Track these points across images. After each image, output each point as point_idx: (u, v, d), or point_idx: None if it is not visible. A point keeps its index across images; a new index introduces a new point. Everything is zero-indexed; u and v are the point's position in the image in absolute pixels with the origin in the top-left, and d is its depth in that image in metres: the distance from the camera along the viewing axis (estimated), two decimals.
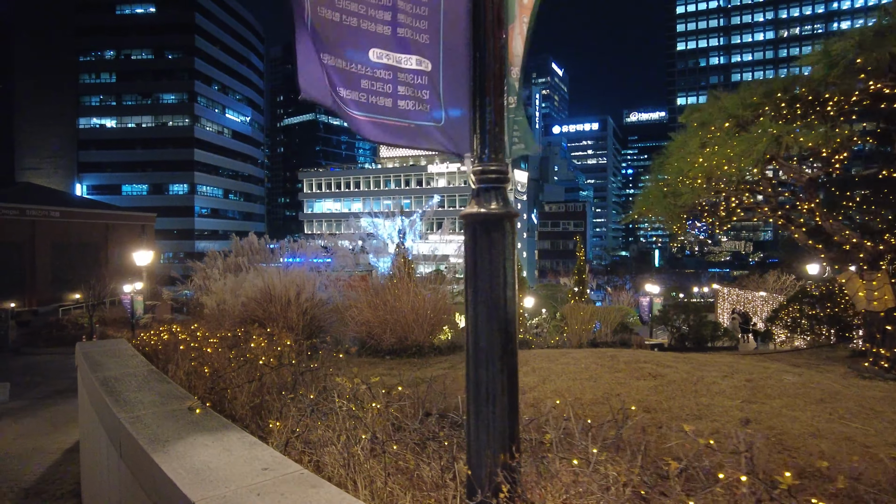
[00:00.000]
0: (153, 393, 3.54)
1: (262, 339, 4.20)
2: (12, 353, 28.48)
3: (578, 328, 8.05)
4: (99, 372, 4.23)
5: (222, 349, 4.20)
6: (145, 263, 15.20)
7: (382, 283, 7.37)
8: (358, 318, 6.59)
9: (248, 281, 6.37)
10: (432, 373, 4.68)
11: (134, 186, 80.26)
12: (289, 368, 3.51)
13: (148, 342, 5.32)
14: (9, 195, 41.61)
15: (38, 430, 13.16)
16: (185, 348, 4.34)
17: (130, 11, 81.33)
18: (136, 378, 4.00)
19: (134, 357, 4.86)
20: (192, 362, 3.98)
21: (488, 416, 1.78)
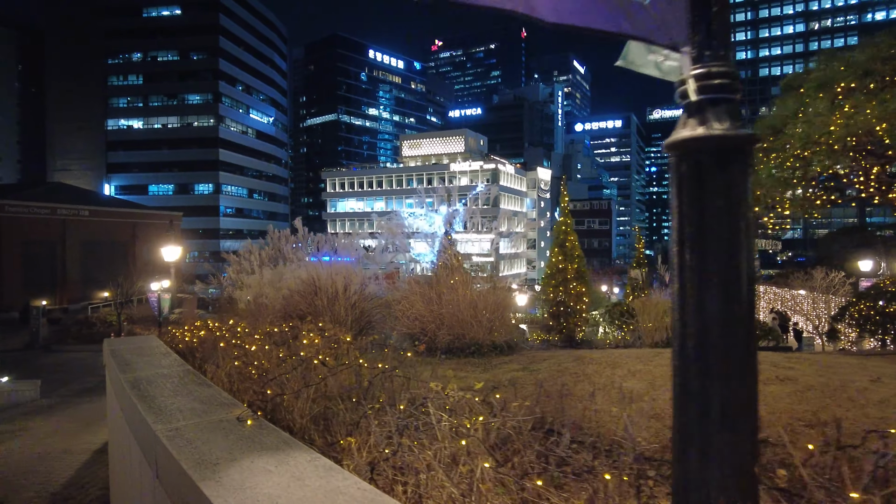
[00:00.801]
0: (193, 398, 2.97)
1: (315, 336, 3.63)
2: (43, 350, 28.69)
3: (652, 325, 7.36)
4: (128, 372, 3.69)
5: (269, 346, 3.63)
6: (174, 259, 14.89)
7: (427, 277, 6.83)
8: (409, 313, 6.01)
9: (290, 273, 5.86)
10: (503, 375, 4.06)
11: (160, 186, 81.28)
12: (355, 369, 2.91)
13: (181, 339, 4.79)
14: (40, 195, 42.18)
15: (68, 429, 12.90)
16: (225, 346, 3.79)
17: (157, 14, 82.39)
18: (170, 380, 3.44)
19: (167, 355, 4.32)
20: (236, 362, 3.42)
21: (721, 444, 1.15)
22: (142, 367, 3.88)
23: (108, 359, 4.43)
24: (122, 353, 4.46)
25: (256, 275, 7.10)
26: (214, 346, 3.96)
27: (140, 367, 3.87)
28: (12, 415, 15.15)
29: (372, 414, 2.31)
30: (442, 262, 6.55)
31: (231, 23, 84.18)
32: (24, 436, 12.08)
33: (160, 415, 2.67)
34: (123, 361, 4.06)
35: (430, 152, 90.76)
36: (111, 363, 4.19)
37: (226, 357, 3.55)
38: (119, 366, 3.92)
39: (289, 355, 3.30)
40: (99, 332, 31.26)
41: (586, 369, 4.02)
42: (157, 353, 4.43)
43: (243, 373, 3.28)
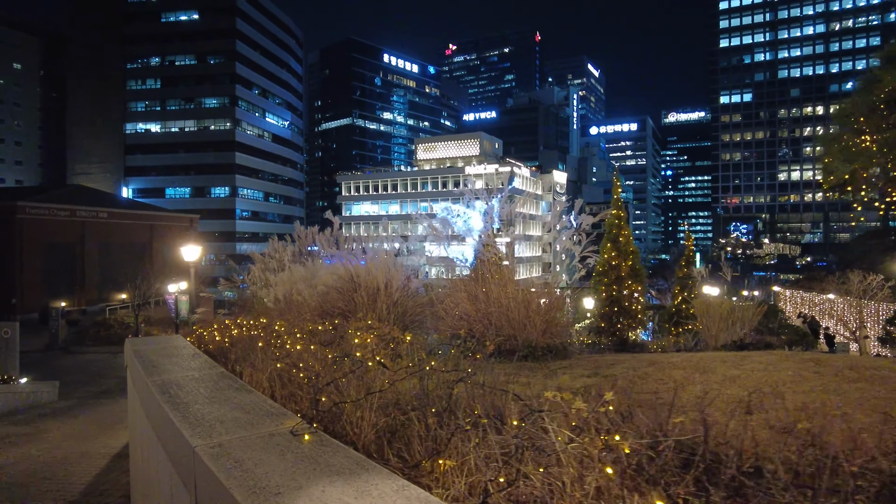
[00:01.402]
0: (233, 406, 2.53)
1: (365, 334, 3.20)
2: (62, 351, 28.69)
3: (716, 327, 6.83)
4: (156, 375, 3.27)
5: (315, 346, 3.20)
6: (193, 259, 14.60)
7: (463, 276, 6.38)
8: (454, 312, 5.54)
9: (325, 269, 5.45)
10: (573, 383, 3.59)
11: (177, 189, 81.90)
12: (425, 373, 2.46)
13: (210, 339, 4.38)
14: (60, 197, 42.46)
15: (86, 432, 12.62)
16: (264, 346, 3.37)
17: (175, 18, 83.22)
18: (203, 384, 3.02)
19: (195, 356, 3.91)
20: (278, 364, 2.99)
21: None
22: (170, 369, 3.46)
23: (132, 360, 4.02)
24: (147, 353, 4.05)
25: (286, 272, 6.70)
26: (252, 347, 3.54)
27: (168, 369, 3.45)
28: (31, 416, 14.95)
29: (472, 431, 1.85)
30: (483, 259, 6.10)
31: (247, 27, 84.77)
32: (41, 438, 11.81)
33: (198, 427, 2.23)
34: (149, 363, 3.65)
35: (444, 155, 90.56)
36: (135, 365, 3.78)
37: (266, 359, 3.12)
38: (145, 368, 3.50)
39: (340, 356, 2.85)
40: (116, 334, 31.25)
41: (672, 375, 3.55)
42: (185, 353, 4.02)
43: (288, 377, 2.84)
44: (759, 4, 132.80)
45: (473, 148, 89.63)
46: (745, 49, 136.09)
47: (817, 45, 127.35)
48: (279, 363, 2.98)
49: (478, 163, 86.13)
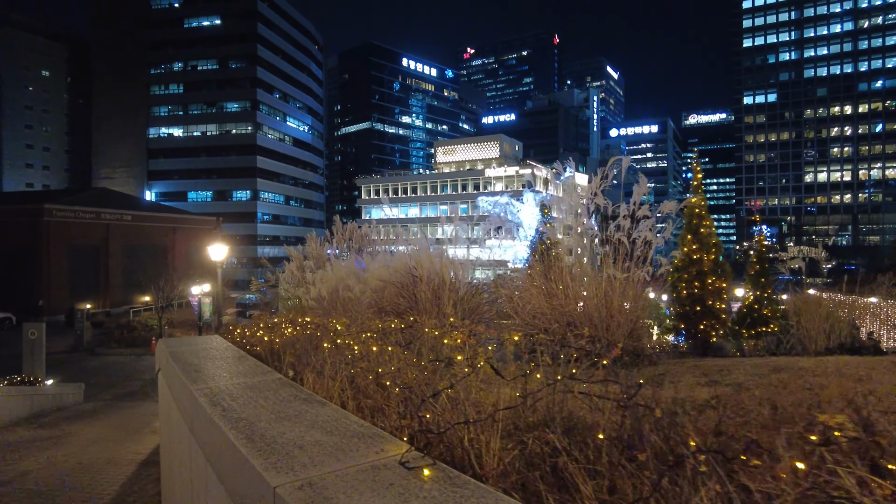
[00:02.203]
0: (309, 425, 1.97)
1: (457, 334, 2.63)
2: (87, 352, 28.70)
3: (815, 329, 6.15)
4: (201, 382, 2.73)
5: (393, 348, 2.64)
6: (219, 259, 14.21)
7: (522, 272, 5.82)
8: (526, 309, 4.94)
9: (377, 263, 4.91)
10: (693, 393, 2.98)
11: (199, 193, 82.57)
12: (563, 384, 1.88)
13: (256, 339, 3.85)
14: (85, 199, 42.82)
15: (111, 436, 12.28)
16: (331, 347, 2.81)
17: (197, 24, 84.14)
18: (262, 394, 2.47)
19: (242, 359, 3.37)
20: (352, 369, 2.43)
21: None
22: (216, 374, 2.92)
23: (168, 363, 3.50)
24: (186, 356, 3.52)
25: (329, 267, 6.20)
26: (315, 348, 2.99)
27: (214, 374, 2.91)
28: (56, 419, 14.71)
29: (677, 469, 1.25)
30: (543, 252, 5.52)
31: (268, 31, 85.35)
32: (66, 442, 11.48)
33: (271, 454, 1.67)
34: (190, 367, 3.12)
35: (464, 158, 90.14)
36: (173, 369, 3.25)
37: (336, 362, 2.57)
38: (186, 373, 2.97)
39: (433, 360, 2.28)
40: (140, 336, 31.25)
41: (818, 383, 2.94)
42: (229, 356, 3.49)
43: (365, 385, 2.28)
44: (784, 3, 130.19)
45: (493, 150, 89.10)
46: (770, 48, 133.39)
47: (845, 44, 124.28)
48: (353, 368, 2.43)
49: (498, 165, 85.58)
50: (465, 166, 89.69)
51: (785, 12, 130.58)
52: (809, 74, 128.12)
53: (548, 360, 2.63)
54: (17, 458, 10.10)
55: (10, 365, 18.53)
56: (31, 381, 16.38)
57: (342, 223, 9.14)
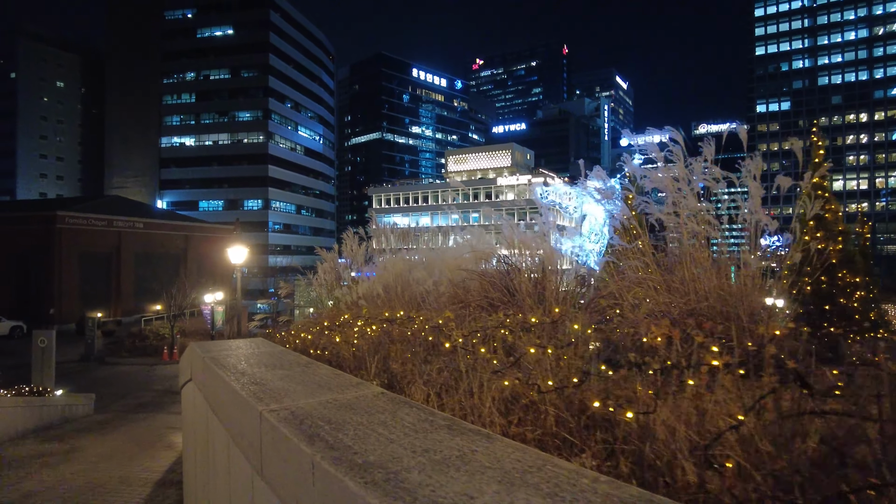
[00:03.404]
0: (504, 480, 1.11)
1: (662, 328, 1.81)
2: (98, 362, 28.05)
3: None
4: (271, 400, 1.91)
5: (554, 351, 1.81)
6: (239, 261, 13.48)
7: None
8: (642, 307, 4.13)
9: (454, 250, 4.13)
10: None
11: (210, 202, 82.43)
12: None
13: (322, 343, 3.03)
14: (98, 207, 42.47)
15: (123, 450, 11.47)
16: (452, 346, 1.99)
17: (210, 34, 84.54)
18: (374, 417, 1.65)
19: (311, 366, 2.56)
20: (505, 381, 1.60)
21: None
22: (287, 388, 2.10)
23: (210, 372, 2.68)
24: (233, 362, 2.70)
25: (389, 259, 5.41)
26: (429, 349, 2.17)
27: (283, 388, 2.09)
28: (66, 431, 13.95)
29: None
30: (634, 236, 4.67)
31: (281, 41, 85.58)
32: (76, 458, 10.69)
33: None
34: (245, 377, 2.30)
35: (475, 167, 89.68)
36: (219, 380, 2.43)
37: (483, 371, 1.74)
38: (244, 386, 2.15)
39: (634, 364, 1.46)
40: (152, 345, 30.60)
41: None
42: (290, 362, 2.68)
43: (529, 402, 1.45)
44: (798, 10, 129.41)
45: (505, 159, 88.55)
46: (783, 56, 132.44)
47: (860, 51, 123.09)
48: (507, 381, 1.61)
49: (509, 174, 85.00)
50: (477, 175, 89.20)
51: (798, 20, 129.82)
52: (823, 82, 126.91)
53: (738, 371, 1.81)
54: (22, 476, 9.31)
55: (19, 374, 17.84)
56: (40, 391, 15.65)
57: (353, 233, 8.40)
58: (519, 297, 2.99)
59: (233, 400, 2.17)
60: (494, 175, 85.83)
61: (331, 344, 2.87)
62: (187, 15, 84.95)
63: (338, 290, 6.07)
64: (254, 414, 1.84)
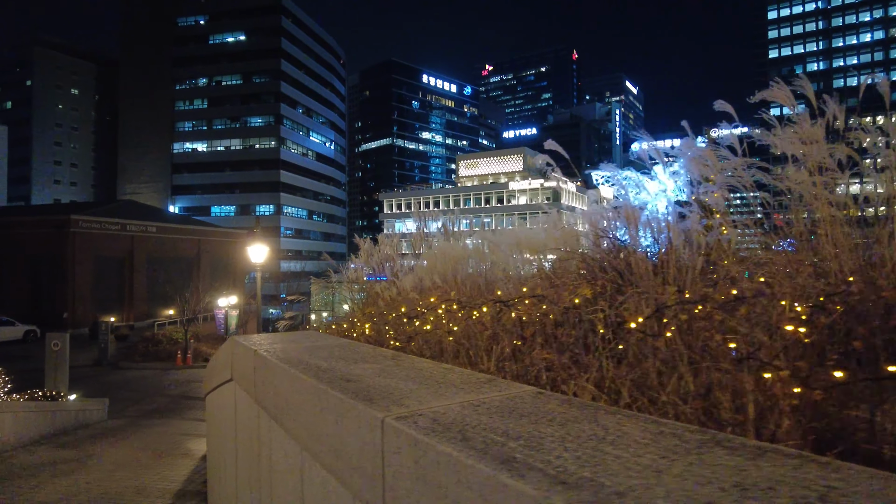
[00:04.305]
0: None
1: None
2: (111, 366, 27.71)
3: None
4: (391, 404, 1.33)
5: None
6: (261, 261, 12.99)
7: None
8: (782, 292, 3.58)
9: (528, 232, 3.57)
10: None
11: (222, 207, 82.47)
12: None
13: (404, 332, 2.47)
14: (111, 210, 42.37)
15: (138, 459, 10.97)
16: (613, 331, 1.42)
17: (222, 40, 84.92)
18: (563, 428, 1.03)
19: (404, 358, 2.01)
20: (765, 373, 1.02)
21: None
22: (409, 388, 1.55)
23: (273, 367, 2.12)
24: (300, 356, 2.15)
25: (447, 242, 4.83)
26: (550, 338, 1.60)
27: (405, 388, 1.55)
28: (79, 437, 13.51)
29: None
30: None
31: (292, 47, 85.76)
32: (90, 466, 10.20)
33: None
34: (333, 374, 1.75)
35: (487, 171, 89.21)
36: (292, 378, 1.87)
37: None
38: (335, 383, 1.58)
39: None
40: (165, 350, 30.23)
41: None
42: (377, 354, 2.14)
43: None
44: (812, 13, 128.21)
45: (517, 163, 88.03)
46: (797, 59, 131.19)
47: (876, 53, 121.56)
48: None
49: (521, 178, 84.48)
50: (488, 180, 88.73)
51: (812, 22, 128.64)
52: (839, 84, 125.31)
53: None
54: (35, 485, 8.82)
55: (33, 378, 17.45)
56: (54, 395, 15.23)
57: (362, 238, 7.89)
58: (635, 278, 2.41)
59: (317, 403, 1.61)
60: (506, 179, 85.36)
61: (414, 332, 2.30)
62: (199, 22, 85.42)
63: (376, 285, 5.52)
64: (367, 422, 1.27)
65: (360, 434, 1.30)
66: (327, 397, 1.53)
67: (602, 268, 2.68)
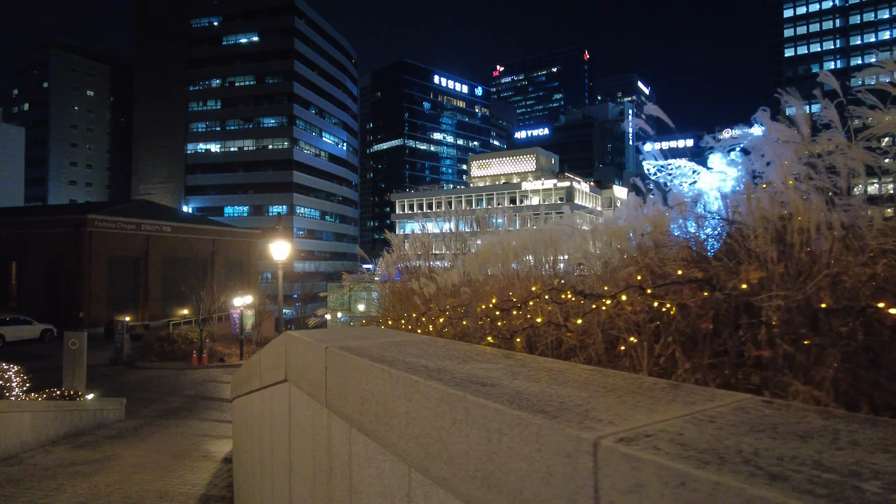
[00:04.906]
0: None
1: None
2: (126, 366, 27.65)
3: None
4: (593, 417, 0.91)
5: None
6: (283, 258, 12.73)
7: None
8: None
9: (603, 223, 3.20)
10: None
11: (235, 208, 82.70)
12: None
13: (490, 328, 2.11)
14: (126, 210, 42.49)
15: (158, 461, 10.71)
16: None
17: (235, 41, 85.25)
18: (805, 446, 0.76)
19: (511, 357, 1.61)
20: None
21: None
22: (580, 396, 1.16)
23: (360, 367, 1.76)
24: (386, 353, 1.80)
25: (486, 238, 4.51)
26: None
27: (577, 397, 1.14)
28: (97, 438, 13.31)
29: None
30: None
31: (305, 48, 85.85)
32: (109, 468, 9.95)
33: None
34: (455, 376, 1.37)
35: (499, 172, 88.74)
36: (392, 383, 1.51)
37: None
38: (464, 385, 1.20)
39: None
40: (180, 350, 30.14)
41: None
42: (485, 352, 1.76)
43: None
44: (829, 10, 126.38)
45: (529, 164, 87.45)
46: (814, 58, 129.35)
47: (895, 50, 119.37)
48: None
49: (534, 178, 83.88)
50: (501, 180, 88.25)
51: (829, 20, 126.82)
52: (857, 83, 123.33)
53: None
54: (54, 488, 8.57)
55: (50, 378, 17.33)
56: (71, 395, 15.06)
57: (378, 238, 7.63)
58: (759, 258, 2.04)
59: (440, 412, 1.25)
60: (519, 180, 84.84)
61: (520, 329, 1.94)
62: (213, 23, 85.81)
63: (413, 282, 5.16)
64: (560, 444, 0.90)
65: (544, 460, 0.93)
66: (465, 406, 1.16)
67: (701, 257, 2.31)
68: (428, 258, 8.56)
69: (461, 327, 2.49)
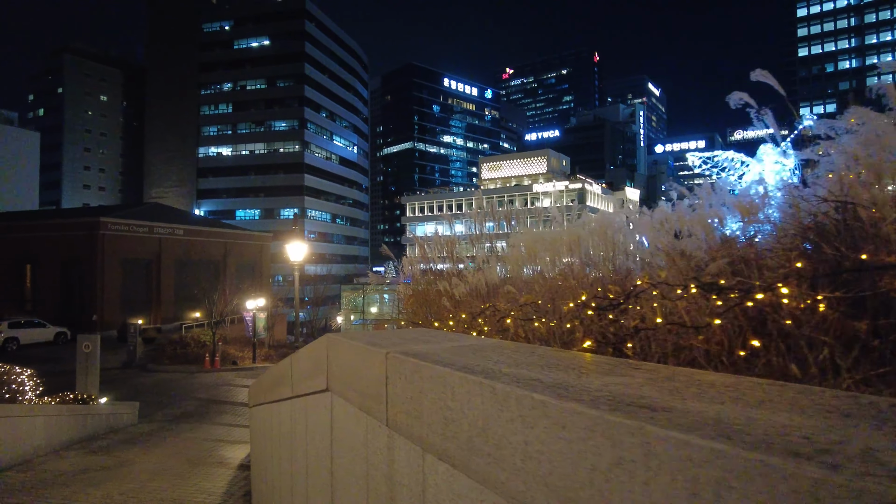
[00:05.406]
0: None
1: None
2: (139, 369, 27.55)
3: None
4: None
5: None
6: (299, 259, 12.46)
7: None
8: None
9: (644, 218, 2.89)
10: None
11: (247, 211, 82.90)
12: None
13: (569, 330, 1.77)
14: (139, 213, 42.56)
15: (173, 467, 10.43)
16: None
17: (246, 45, 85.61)
18: None
19: (631, 367, 1.24)
20: None
21: None
22: (813, 426, 0.79)
23: (440, 379, 1.41)
24: (453, 357, 1.43)
25: (519, 236, 4.13)
26: None
27: (806, 426, 0.79)
28: (110, 443, 13.08)
29: None
30: None
31: (316, 51, 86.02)
32: (123, 475, 9.69)
33: None
34: (587, 394, 1.00)
35: (510, 174, 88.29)
36: (495, 400, 1.15)
37: None
38: (618, 408, 0.83)
39: None
40: (193, 352, 30.02)
41: None
42: (572, 360, 1.39)
43: None
44: (843, 9, 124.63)
45: (540, 165, 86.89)
46: (828, 57, 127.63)
47: None
48: None
49: (545, 180, 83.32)
50: (512, 182, 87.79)
51: (844, 19, 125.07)
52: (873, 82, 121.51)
53: None
54: (67, 495, 8.32)
55: (63, 381, 17.18)
56: (85, 398, 14.87)
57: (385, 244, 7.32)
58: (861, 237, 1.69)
59: (593, 445, 0.90)
60: (530, 182, 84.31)
61: (634, 332, 1.60)
62: (224, 27, 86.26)
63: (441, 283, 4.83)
64: None
65: None
66: (643, 441, 0.82)
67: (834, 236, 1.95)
68: (453, 259, 8.24)
69: (531, 328, 2.15)
